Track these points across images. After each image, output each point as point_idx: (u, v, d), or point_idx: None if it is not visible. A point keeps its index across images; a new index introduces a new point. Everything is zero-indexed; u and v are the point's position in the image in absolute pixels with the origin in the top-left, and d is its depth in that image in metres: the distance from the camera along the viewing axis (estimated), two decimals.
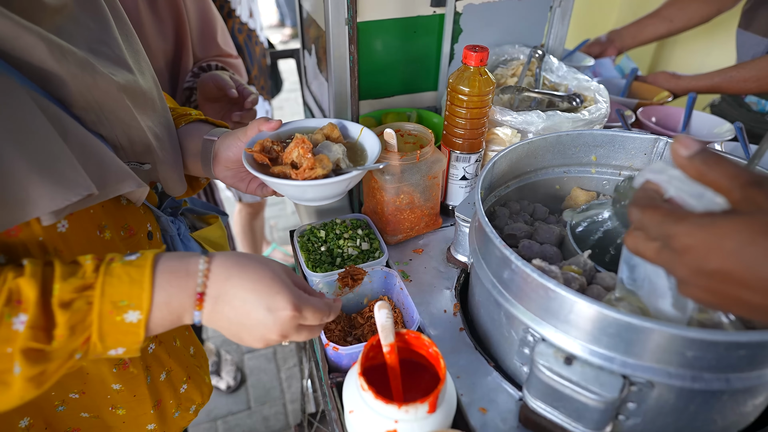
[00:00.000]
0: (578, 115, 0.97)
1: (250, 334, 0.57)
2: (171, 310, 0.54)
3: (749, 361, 0.53)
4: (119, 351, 0.53)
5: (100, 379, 0.71)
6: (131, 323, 0.51)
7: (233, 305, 0.56)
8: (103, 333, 0.51)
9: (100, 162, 0.58)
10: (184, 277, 0.55)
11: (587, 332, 0.57)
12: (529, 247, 0.74)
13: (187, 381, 0.84)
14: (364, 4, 1.07)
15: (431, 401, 0.57)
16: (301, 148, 0.72)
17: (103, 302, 0.50)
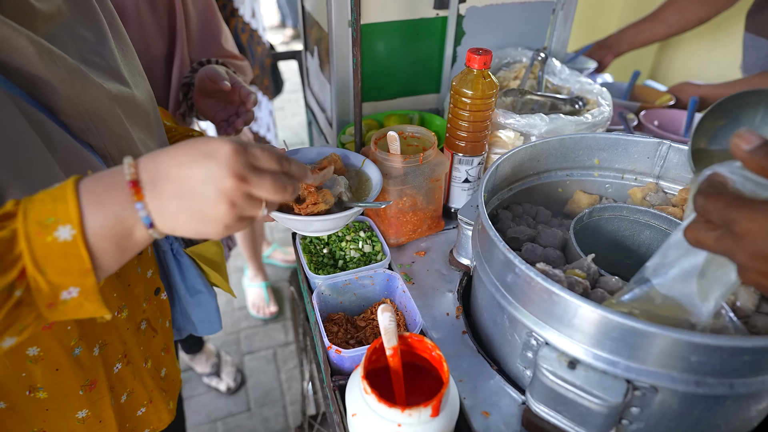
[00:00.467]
0: (581, 119, 0.97)
1: (206, 199, 0.47)
2: (107, 213, 0.46)
3: (753, 366, 0.53)
4: (73, 292, 0.46)
5: (62, 413, 0.69)
6: (66, 242, 0.44)
7: (173, 176, 0.47)
8: (38, 259, 0.44)
9: (84, 170, 0.56)
10: (109, 175, 0.48)
11: (591, 336, 0.57)
12: (533, 250, 0.74)
13: (147, 405, 0.81)
14: (367, 6, 1.07)
15: (434, 405, 0.57)
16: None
17: (27, 225, 0.44)
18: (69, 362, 0.66)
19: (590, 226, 0.84)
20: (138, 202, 0.47)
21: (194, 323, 0.90)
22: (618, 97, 1.54)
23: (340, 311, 0.86)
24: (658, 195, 0.86)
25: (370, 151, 0.90)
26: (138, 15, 1.06)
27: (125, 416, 0.78)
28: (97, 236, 0.46)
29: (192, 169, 0.47)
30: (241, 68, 1.29)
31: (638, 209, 0.82)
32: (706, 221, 0.48)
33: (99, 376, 0.71)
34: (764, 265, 0.43)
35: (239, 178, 0.48)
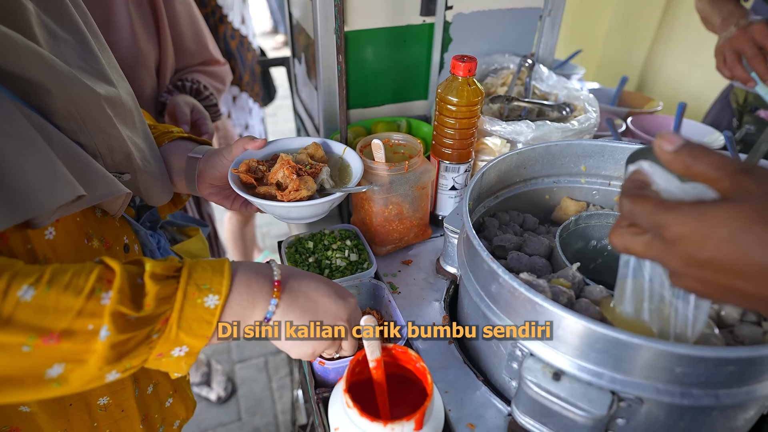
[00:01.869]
0: (568, 125, 0.97)
1: (317, 316, 0.60)
2: (249, 296, 0.56)
3: (738, 377, 0.52)
4: (183, 350, 0.53)
5: (85, 404, 0.69)
6: (208, 308, 0.53)
7: (310, 297, 0.60)
8: (183, 315, 0.52)
9: (83, 168, 0.58)
10: (261, 267, 0.59)
11: (575, 347, 0.56)
12: (518, 259, 0.74)
13: (173, 395, 0.82)
14: (354, 13, 1.07)
15: (417, 418, 0.56)
16: (286, 169, 0.74)
17: (189, 282, 0.52)
18: None
19: (577, 234, 0.83)
20: (273, 298, 0.57)
21: None
22: (606, 102, 1.55)
23: None
24: None
25: None
26: (130, 22, 1.06)
27: (153, 407, 0.78)
28: (230, 311, 0.55)
29: (326, 300, 0.61)
30: (220, 75, 1.30)
31: None
32: (632, 224, 0.46)
33: None
34: (698, 271, 0.41)
35: (349, 323, 0.63)
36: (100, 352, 0.48)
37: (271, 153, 0.83)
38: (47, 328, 0.46)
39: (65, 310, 0.46)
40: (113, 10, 1.03)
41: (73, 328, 0.47)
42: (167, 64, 1.18)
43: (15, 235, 0.55)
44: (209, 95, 1.22)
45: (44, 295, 0.46)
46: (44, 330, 0.45)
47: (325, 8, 1.03)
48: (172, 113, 1.11)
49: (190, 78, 1.21)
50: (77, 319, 0.47)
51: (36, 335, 0.45)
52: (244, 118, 1.87)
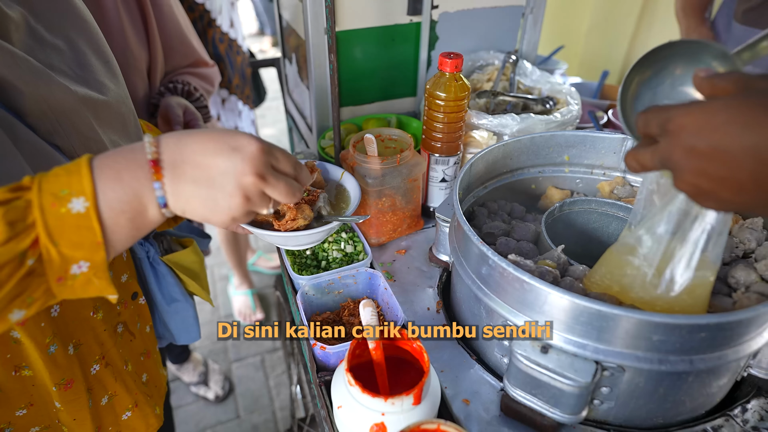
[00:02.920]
0: (551, 117, 1.02)
1: (223, 189, 0.50)
2: (125, 188, 0.47)
3: (710, 343, 0.57)
4: (83, 266, 0.47)
5: (46, 390, 0.69)
6: (79, 213, 0.45)
7: (195, 162, 0.50)
8: (51, 230, 0.45)
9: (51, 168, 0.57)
10: (129, 152, 0.49)
11: (561, 321, 0.60)
12: (506, 243, 0.78)
13: (132, 408, 0.80)
14: (343, 13, 1.10)
15: (416, 393, 0.60)
16: None
17: (41, 196, 0.45)
18: (44, 360, 0.66)
19: (561, 220, 0.87)
20: (156, 182, 0.49)
21: (172, 332, 0.90)
22: (588, 96, 1.60)
23: (324, 311, 0.88)
24: (624, 188, 0.91)
25: (349, 154, 0.93)
26: (120, 24, 1.07)
27: (107, 419, 0.77)
28: (111, 210, 0.47)
29: (216, 159, 0.50)
30: (209, 76, 1.31)
31: (606, 202, 0.86)
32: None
33: (75, 375, 0.70)
34: (699, 162, 0.43)
35: (259, 176, 0.51)
36: None
37: None
38: None
39: None
40: (104, 12, 1.05)
41: None
42: (157, 67, 1.19)
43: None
44: (200, 97, 1.24)
45: None
46: None
47: (315, 9, 1.06)
48: (164, 115, 1.13)
49: (180, 80, 1.23)
50: None
51: None
52: (233, 121, 1.90)
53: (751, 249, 0.72)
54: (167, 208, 0.50)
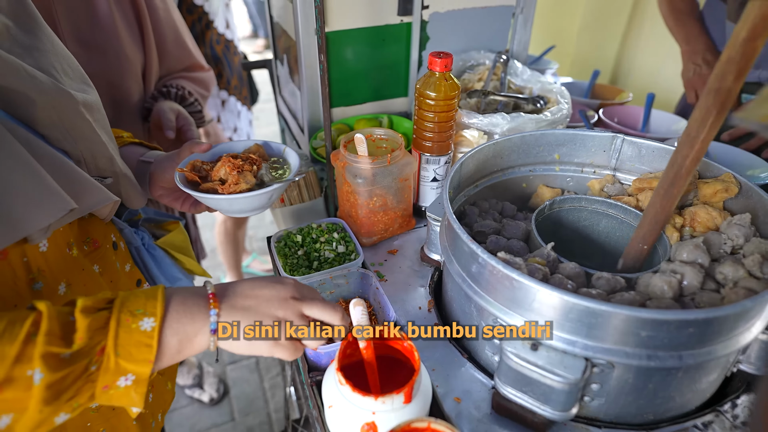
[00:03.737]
0: (541, 116, 1.02)
1: (268, 312, 0.58)
2: (186, 313, 0.55)
3: (698, 338, 0.57)
4: (129, 379, 0.52)
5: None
6: (145, 331, 0.52)
7: (245, 294, 0.59)
8: (119, 342, 0.51)
9: (71, 180, 0.60)
10: (194, 289, 0.59)
11: (551, 319, 0.60)
12: (497, 242, 0.78)
13: (151, 390, 0.82)
14: (333, 14, 1.10)
15: (407, 392, 0.59)
16: (228, 166, 0.80)
17: (122, 309, 0.52)
18: None
19: (552, 218, 0.88)
20: (213, 309, 0.57)
21: None
22: (579, 95, 1.61)
23: None
24: (614, 186, 0.91)
25: (340, 154, 0.93)
26: (115, 28, 1.07)
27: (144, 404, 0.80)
28: (169, 331, 0.54)
29: (264, 290, 0.60)
30: (205, 81, 1.31)
31: (596, 200, 0.87)
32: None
33: None
34: None
35: (297, 298, 0.61)
36: (36, 395, 0.47)
37: (216, 155, 0.88)
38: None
39: (1, 359, 0.46)
40: (98, 15, 1.05)
41: (12, 376, 0.46)
42: (152, 70, 1.19)
43: (13, 250, 0.57)
44: (194, 101, 1.24)
45: None
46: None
47: (305, 10, 1.06)
48: (156, 120, 1.13)
49: (174, 84, 1.22)
50: (15, 367, 0.46)
51: None
52: (233, 122, 1.90)
53: (740, 245, 0.72)
54: (215, 335, 0.57)
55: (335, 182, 1.03)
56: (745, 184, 0.77)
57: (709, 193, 0.78)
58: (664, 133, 1.36)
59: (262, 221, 3.14)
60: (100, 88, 1.08)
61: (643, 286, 0.68)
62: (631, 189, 0.89)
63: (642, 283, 0.68)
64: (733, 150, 1.18)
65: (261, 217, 3.17)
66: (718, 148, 1.19)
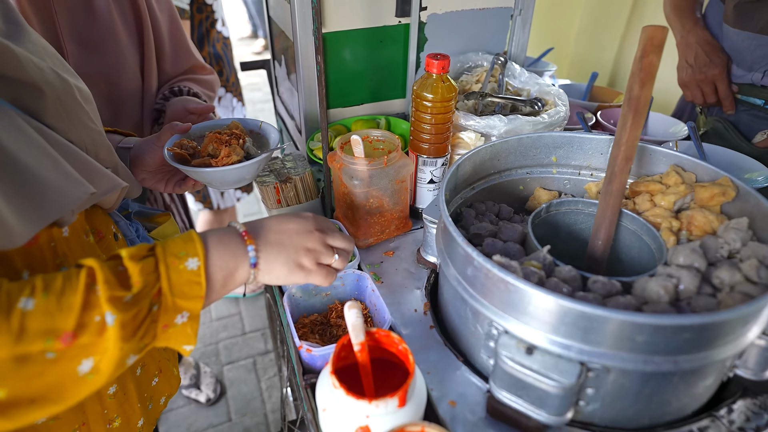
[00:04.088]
0: (538, 119, 1.02)
1: (298, 244, 0.65)
2: (226, 250, 0.60)
3: (694, 343, 0.57)
4: (185, 316, 0.56)
5: (98, 396, 0.72)
6: (192, 270, 0.56)
7: (274, 229, 0.65)
8: (172, 282, 0.55)
9: (84, 166, 0.61)
10: (225, 230, 0.63)
11: (546, 322, 0.60)
12: (493, 245, 0.77)
13: (158, 374, 0.86)
14: (331, 15, 1.10)
15: (401, 395, 0.59)
16: (215, 142, 0.86)
17: (166, 254, 0.56)
18: None
19: (548, 221, 0.87)
20: (249, 245, 0.62)
21: None
22: (577, 97, 1.60)
23: (312, 313, 0.88)
24: None
25: (336, 155, 0.93)
26: (112, 23, 1.06)
27: (143, 387, 0.82)
28: (214, 267, 0.59)
29: (289, 224, 0.66)
30: (209, 83, 1.29)
31: (593, 202, 0.86)
32: None
33: None
34: None
35: (320, 230, 0.68)
36: (114, 335, 0.50)
37: (198, 134, 0.93)
38: (60, 329, 0.48)
39: (69, 309, 0.49)
40: (96, 12, 1.04)
41: (83, 322, 0.50)
42: (151, 70, 1.17)
43: (43, 234, 0.60)
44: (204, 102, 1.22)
45: (44, 301, 0.49)
46: (57, 331, 0.48)
47: (302, 10, 1.06)
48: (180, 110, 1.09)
49: (183, 86, 1.21)
50: (84, 314, 0.50)
51: (52, 338, 0.48)
52: (227, 117, 1.90)
53: (736, 249, 0.72)
54: (256, 268, 0.62)
55: (332, 184, 1.03)
56: (742, 188, 0.76)
57: (706, 197, 0.78)
58: (661, 135, 1.36)
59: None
60: (98, 88, 1.07)
61: (639, 290, 0.67)
62: (628, 192, 0.89)
63: (638, 287, 0.68)
64: (731, 153, 1.17)
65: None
66: (714, 151, 1.19)
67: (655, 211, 0.80)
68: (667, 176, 0.84)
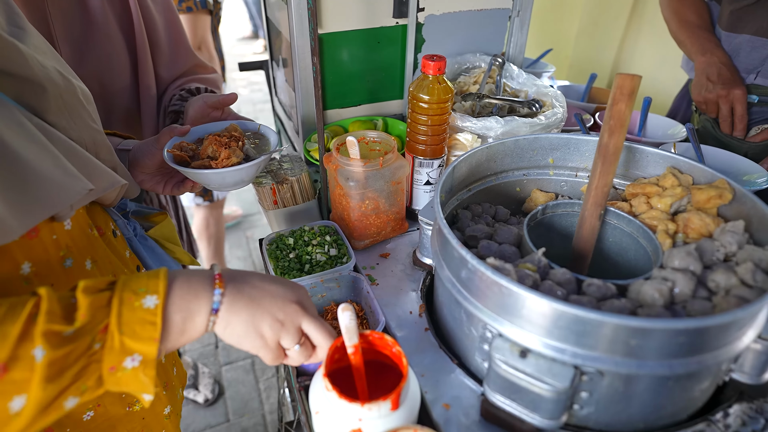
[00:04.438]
0: (535, 120, 1.01)
1: (270, 310, 0.58)
2: (190, 290, 0.55)
3: (689, 347, 0.56)
4: (135, 360, 0.51)
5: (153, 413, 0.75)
6: (148, 309, 0.51)
7: (254, 284, 0.59)
8: (122, 320, 0.50)
9: (84, 163, 0.62)
10: (199, 271, 0.58)
11: (540, 326, 0.60)
12: (488, 247, 0.77)
13: (174, 365, 0.89)
14: (328, 16, 1.10)
15: (393, 398, 0.59)
16: (215, 144, 0.87)
17: (124, 289, 0.52)
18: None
19: (545, 223, 0.87)
20: (217, 288, 0.56)
21: None
22: (576, 99, 1.60)
23: None
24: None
25: (332, 156, 0.93)
26: (107, 25, 1.06)
27: (167, 377, 0.84)
28: (173, 307, 0.53)
29: (272, 285, 0.60)
30: (215, 82, 1.29)
31: None
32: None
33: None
34: None
35: (300, 305, 0.61)
36: (39, 373, 0.46)
37: (197, 137, 0.93)
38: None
39: (4, 338, 0.46)
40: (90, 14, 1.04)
41: (16, 355, 0.46)
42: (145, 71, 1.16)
43: (43, 227, 0.60)
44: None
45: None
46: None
47: (299, 11, 1.06)
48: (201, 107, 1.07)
49: (192, 87, 1.20)
50: (19, 346, 0.46)
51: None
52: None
53: (733, 252, 0.71)
54: (216, 315, 0.56)
55: (328, 185, 1.03)
56: (739, 191, 0.76)
57: (702, 200, 0.78)
58: (660, 137, 1.36)
59: (260, 221, 3.14)
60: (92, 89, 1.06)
61: (634, 294, 0.67)
62: (624, 194, 0.88)
63: (633, 290, 0.67)
64: (727, 155, 1.17)
65: (260, 217, 3.17)
66: (712, 153, 1.18)
67: (652, 213, 0.80)
68: (663, 178, 0.84)
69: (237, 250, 2.89)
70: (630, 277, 0.71)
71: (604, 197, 0.75)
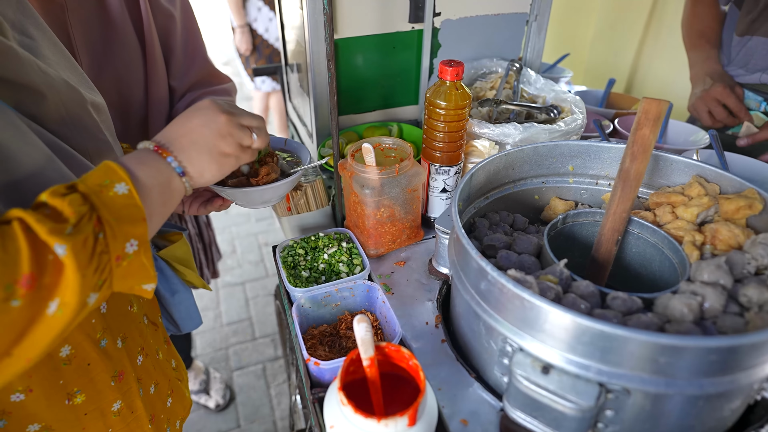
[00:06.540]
0: (554, 127, 0.99)
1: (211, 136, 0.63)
2: (150, 168, 0.58)
3: (721, 366, 0.54)
4: (134, 244, 0.53)
5: (99, 412, 0.71)
6: (124, 194, 0.53)
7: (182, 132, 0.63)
8: (109, 209, 0.51)
9: (83, 170, 0.61)
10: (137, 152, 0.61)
11: (563, 341, 0.57)
12: (507, 257, 0.75)
13: (170, 395, 0.84)
14: (343, 21, 1.09)
15: (411, 414, 0.57)
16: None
17: (88, 187, 0.52)
18: (98, 354, 0.68)
19: (565, 232, 0.85)
20: (168, 157, 0.60)
21: (177, 322, 0.92)
22: (594, 104, 1.57)
23: (321, 324, 0.86)
24: None
25: (347, 163, 0.91)
26: (125, 34, 1.06)
27: (157, 408, 0.80)
28: (145, 187, 0.56)
29: (192, 121, 0.64)
30: (228, 92, 1.28)
31: None
32: None
33: (125, 367, 0.73)
34: None
35: (227, 113, 0.65)
36: (71, 263, 0.48)
37: None
38: (17, 274, 0.46)
39: (17, 252, 0.46)
40: (111, 24, 1.04)
41: (39, 263, 0.47)
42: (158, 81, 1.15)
43: None
44: None
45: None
46: (15, 277, 0.46)
47: (314, 17, 1.05)
48: None
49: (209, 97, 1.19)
50: (35, 255, 0.47)
51: (11, 285, 0.46)
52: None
53: (765, 265, 0.68)
54: (187, 176, 0.62)
55: (342, 192, 1.01)
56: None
57: (731, 210, 0.75)
58: (681, 144, 1.32)
59: (271, 226, 3.14)
60: (110, 99, 1.06)
61: (661, 308, 0.64)
62: (648, 203, 0.86)
63: (660, 305, 0.65)
64: (753, 162, 1.14)
65: (271, 222, 3.17)
66: (740, 161, 1.15)
67: (677, 223, 0.77)
68: (689, 187, 0.81)
69: (249, 255, 2.89)
70: (654, 289, 0.68)
71: (622, 223, 0.74)
